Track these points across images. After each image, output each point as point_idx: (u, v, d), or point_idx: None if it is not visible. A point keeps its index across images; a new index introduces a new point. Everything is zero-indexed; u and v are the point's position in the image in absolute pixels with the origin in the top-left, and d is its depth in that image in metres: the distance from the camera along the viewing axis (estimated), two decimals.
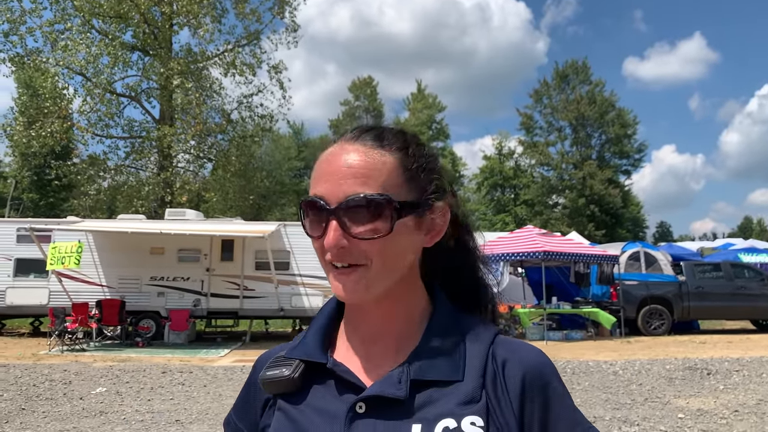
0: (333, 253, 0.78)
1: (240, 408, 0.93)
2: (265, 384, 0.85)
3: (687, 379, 8.74)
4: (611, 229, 42.30)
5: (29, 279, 14.75)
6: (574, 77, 45.11)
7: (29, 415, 6.83)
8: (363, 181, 0.78)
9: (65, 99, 23.33)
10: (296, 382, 0.83)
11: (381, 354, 0.84)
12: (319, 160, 0.83)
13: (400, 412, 0.77)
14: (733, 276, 14.95)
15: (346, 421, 0.78)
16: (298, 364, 0.84)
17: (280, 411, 0.84)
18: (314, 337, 0.87)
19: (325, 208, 0.78)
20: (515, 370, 0.81)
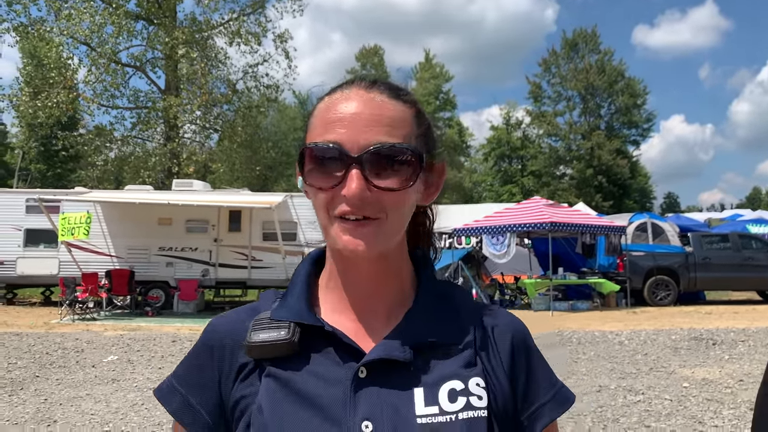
0: (352, 204, 0.73)
1: (191, 379, 0.82)
2: (255, 348, 0.77)
3: (692, 349, 8.79)
4: (619, 200, 42.17)
5: (39, 249, 14.89)
6: (583, 46, 44.50)
7: (43, 381, 6.97)
8: (387, 130, 0.75)
9: (70, 69, 23.22)
10: (295, 346, 0.77)
11: (372, 317, 0.81)
12: (325, 105, 0.78)
13: (401, 376, 0.76)
14: (740, 247, 14.91)
15: (352, 387, 0.74)
16: (294, 327, 0.78)
17: (271, 377, 0.76)
18: (299, 300, 0.81)
19: (346, 155, 0.73)
20: (504, 335, 0.85)
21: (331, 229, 0.76)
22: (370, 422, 0.72)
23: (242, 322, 0.82)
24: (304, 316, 0.79)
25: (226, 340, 0.82)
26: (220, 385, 0.80)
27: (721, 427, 5.13)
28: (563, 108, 45.34)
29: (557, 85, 45.12)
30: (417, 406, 0.74)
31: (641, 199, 47.73)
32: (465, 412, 0.75)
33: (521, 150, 48.14)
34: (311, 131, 0.79)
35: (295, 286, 0.84)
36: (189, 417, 0.80)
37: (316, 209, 0.79)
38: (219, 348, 0.81)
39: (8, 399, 6.19)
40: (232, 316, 0.85)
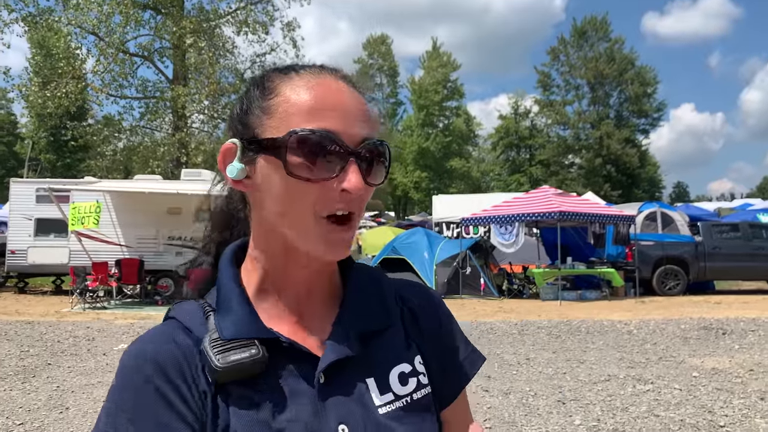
0: (351, 200, 0.71)
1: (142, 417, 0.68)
2: (226, 372, 0.69)
3: (702, 339, 8.77)
4: (627, 189, 41.99)
5: (49, 238, 14.99)
6: (593, 34, 44.15)
7: (55, 369, 7.04)
8: (373, 126, 0.74)
9: (78, 59, 23.25)
10: (265, 363, 0.71)
11: (310, 316, 0.79)
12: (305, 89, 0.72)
13: (353, 371, 0.75)
14: (751, 236, 14.81)
15: (318, 395, 0.72)
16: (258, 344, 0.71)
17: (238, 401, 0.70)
18: (247, 313, 0.74)
19: (345, 147, 0.70)
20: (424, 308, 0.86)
21: (313, 232, 0.71)
22: (344, 425, 0.71)
23: (181, 344, 0.73)
24: (254, 329, 0.73)
25: (170, 368, 0.70)
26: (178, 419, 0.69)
27: (731, 416, 5.12)
28: (572, 97, 45.09)
29: (566, 74, 44.84)
30: (374, 396, 0.75)
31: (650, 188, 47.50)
32: (417, 392, 0.78)
33: (529, 139, 47.95)
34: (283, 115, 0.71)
35: (229, 295, 0.76)
36: None
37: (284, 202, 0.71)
38: (162, 377, 0.70)
39: (21, 386, 6.26)
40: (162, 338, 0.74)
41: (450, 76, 48.25)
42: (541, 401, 5.63)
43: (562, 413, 5.27)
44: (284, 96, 0.72)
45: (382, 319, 0.80)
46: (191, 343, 0.73)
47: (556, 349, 8.15)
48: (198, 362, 0.72)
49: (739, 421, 4.99)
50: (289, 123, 0.70)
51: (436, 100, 46.71)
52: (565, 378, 6.50)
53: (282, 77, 0.74)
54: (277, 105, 0.72)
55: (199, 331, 0.74)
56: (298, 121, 0.70)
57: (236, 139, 0.74)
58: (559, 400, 5.66)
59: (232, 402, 0.70)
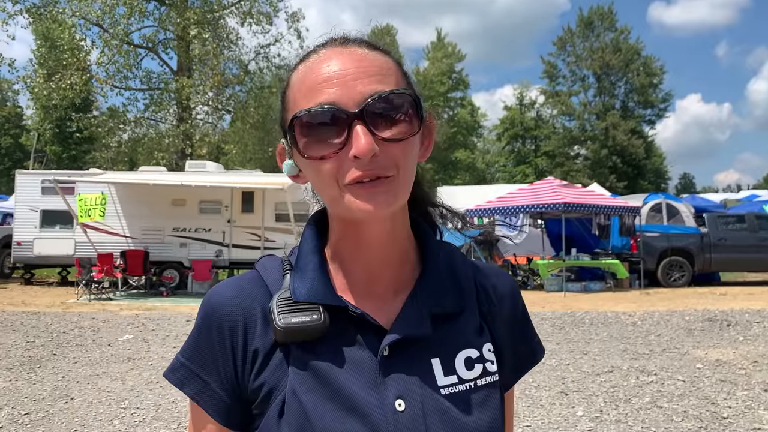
0: (364, 164, 0.69)
1: (204, 360, 0.77)
2: (288, 332, 0.73)
3: (706, 330, 8.75)
4: (633, 180, 41.80)
5: (55, 230, 15.05)
6: (599, 24, 43.82)
7: (60, 360, 7.08)
8: (378, 79, 0.71)
9: (83, 51, 23.27)
10: (327, 330, 0.74)
11: (383, 290, 0.79)
12: (302, 73, 0.74)
13: (419, 349, 0.76)
14: (757, 228, 14.73)
15: (379, 367, 0.73)
16: (322, 310, 0.74)
17: (300, 362, 0.73)
18: (320, 280, 0.77)
19: (345, 113, 0.69)
20: (503, 294, 0.86)
21: (342, 200, 0.72)
22: (402, 400, 0.72)
23: (253, 298, 0.78)
24: (327, 296, 0.76)
25: (236, 320, 0.76)
26: (236, 366, 0.76)
27: (734, 407, 5.11)
28: (578, 88, 44.84)
29: (572, 65, 44.58)
30: (438, 377, 0.75)
31: (656, 179, 47.28)
32: (482, 379, 0.78)
33: (535, 130, 47.75)
34: (293, 104, 0.74)
35: (309, 262, 0.79)
36: (208, 400, 0.77)
37: (321, 185, 0.73)
38: (228, 328, 0.76)
39: (27, 377, 6.30)
40: (237, 291, 0.79)
41: (455, 67, 48.06)
42: (544, 392, 5.63)
43: (565, 404, 5.27)
44: (292, 86, 0.75)
45: (457, 301, 0.80)
46: (261, 299, 0.78)
47: (559, 340, 8.15)
48: (259, 318, 0.76)
49: (743, 413, 4.98)
50: (294, 109, 0.72)
51: (441, 91, 46.53)
52: (569, 369, 6.50)
53: (292, 70, 0.77)
54: (289, 96, 0.75)
55: (273, 287, 0.78)
56: (300, 104, 0.72)
57: (283, 139, 0.78)
58: (562, 391, 5.66)
59: (292, 361, 0.73)
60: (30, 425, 4.79)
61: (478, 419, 0.75)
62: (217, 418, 0.76)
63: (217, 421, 0.76)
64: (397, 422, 0.71)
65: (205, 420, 0.78)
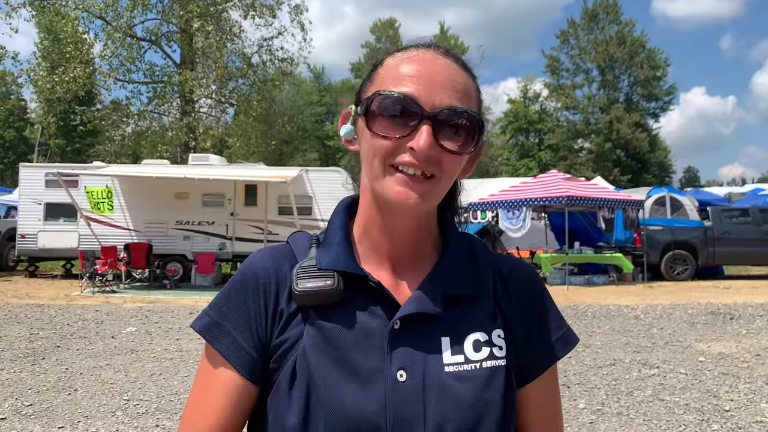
0: (417, 158, 0.76)
1: (234, 315, 0.83)
2: (303, 296, 0.80)
3: (709, 324, 8.73)
4: (637, 174, 41.67)
5: (59, 223, 15.09)
6: (604, 17, 43.56)
7: (64, 352, 7.12)
8: (459, 96, 0.78)
9: (86, 44, 23.24)
10: (340, 296, 0.80)
11: (403, 268, 0.86)
12: (398, 59, 0.81)
13: (430, 327, 0.81)
14: (761, 221, 14.69)
15: (388, 338, 0.79)
16: (338, 277, 0.81)
17: (314, 324, 0.80)
18: (343, 249, 0.84)
19: (421, 109, 0.76)
20: (520, 283, 0.90)
21: (383, 179, 0.78)
22: (404, 371, 0.77)
23: (282, 266, 0.85)
24: (349, 266, 0.82)
25: (270, 282, 0.84)
26: (264, 324, 0.82)
27: (736, 401, 5.11)
28: (582, 81, 44.64)
29: (576, 58, 44.36)
30: (444, 355, 0.80)
31: (660, 173, 47.13)
32: (488, 362, 0.81)
33: (538, 124, 47.64)
34: (379, 81, 0.81)
35: (335, 234, 0.86)
36: (236, 355, 0.82)
37: (368, 156, 0.80)
38: (263, 288, 0.84)
39: (31, 368, 6.33)
40: (271, 259, 0.87)
41: None
42: None
43: (567, 397, 5.27)
44: (385, 66, 0.82)
45: (472, 287, 0.85)
46: (289, 266, 0.85)
47: None
48: (287, 282, 0.83)
49: (745, 406, 4.97)
50: (379, 86, 0.80)
51: None
52: (570, 362, 6.50)
53: (392, 53, 0.83)
54: (378, 74, 0.82)
55: (300, 257, 0.86)
56: (386, 84, 0.79)
57: (353, 105, 0.84)
58: (564, 384, 5.66)
59: (309, 322, 0.80)
60: (34, 416, 4.81)
61: (476, 396, 0.78)
62: (243, 372, 0.82)
63: (242, 375, 0.82)
64: (396, 391, 0.76)
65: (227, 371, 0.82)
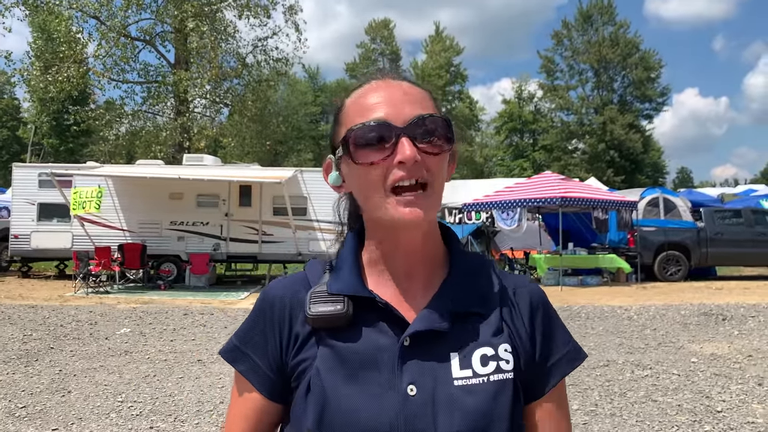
0: (407, 168, 0.82)
1: (255, 340, 0.92)
2: (315, 319, 0.86)
3: (702, 325, 8.78)
4: (631, 174, 41.82)
5: (52, 223, 15.02)
6: (598, 18, 43.70)
7: (57, 353, 7.09)
8: (421, 105, 0.86)
9: (80, 43, 23.14)
10: (349, 318, 0.85)
11: (412, 286, 0.90)
12: (357, 97, 0.89)
13: (439, 343, 0.85)
14: (753, 222, 14.77)
15: (398, 355, 0.83)
16: (348, 300, 0.86)
17: (327, 346, 0.85)
18: (352, 274, 0.89)
19: (394, 127, 0.83)
20: (525, 299, 0.93)
21: (386, 204, 0.83)
22: (414, 386, 0.82)
23: (297, 292, 0.91)
24: (358, 289, 0.87)
25: (286, 308, 0.90)
26: (281, 348, 0.89)
27: (728, 401, 5.14)
28: (576, 82, 44.77)
29: (570, 59, 44.50)
30: (454, 370, 0.84)
31: (653, 174, 47.28)
32: (495, 375, 0.85)
33: (533, 124, 47.74)
34: (348, 121, 0.87)
35: (345, 259, 0.92)
36: (256, 376, 0.91)
37: (367, 189, 0.85)
38: (280, 315, 0.90)
39: (24, 370, 6.31)
40: (288, 286, 0.94)
41: (453, 60, 47.97)
42: None
43: None
44: (347, 106, 0.90)
45: (479, 303, 0.89)
46: (303, 293, 0.91)
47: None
48: (303, 307, 0.89)
49: (737, 407, 5.01)
50: (349, 123, 0.86)
51: (439, 84, 46.44)
52: None
53: (348, 94, 0.91)
54: (343, 115, 0.89)
55: (314, 283, 0.91)
56: (355, 119, 0.86)
57: (331, 154, 0.92)
58: None
59: (321, 344, 0.86)
60: (27, 418, 4.80)
61: (485, 408, 0.82)
62: (262, 391, 0.90)
63: (261, 393, 0.91)
64: (406, 405, 0.81)
65: (249, 391, 0.92)
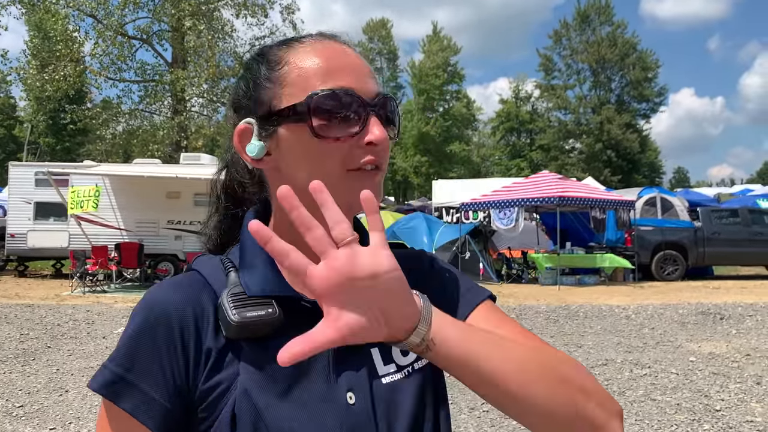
0: (377, 151, 0.71)
1: (146, 366, 0.70)
2: (242, 328, 0.69)
3: (699, 324, 8.80)
4: (628, 174, 41.94)
5: (49, 222, 14.99)
6: (596, 18, 43.81)
7: (54, 352, 7.07)
8: (378, 83, 0.75)
9: (77, 42, 23.08)
10: (281, 323, 0.71)
11: None
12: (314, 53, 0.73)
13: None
14: (750, 222, 14.81)
15: (330, 361, 0.72)
16: (275, 304, 0.71)
17: (251, 362, 0.70)
18: (271, 268, 0.73)
19: (365, 102, 0.71)
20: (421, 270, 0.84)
21: (344, 183, 0.71)
22: (352, 392, 0.72)
23: (199, 298, 0.73)
24: (284, 288, 0.72)
25: (188, 319, 0.71)
26: (187, 371, 0.71)
27: (727, 400, 5.15)
28: (573, 81, 44.86)
29: (568, 58, 44.60)
30: (378, 366, 0.75)
31: (651, 174, 47.41)
32: (418, 362, 0.77)
33: (530, 124, 47.81)
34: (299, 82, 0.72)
35: (255, 251, 0.74)
36: (148, 413, 0.69)
37: (322, 168, 0.70)
38: (178, 328, 0.71)
39: (21, 369, 6.29)
40: (185, 291, 0.74)
41: (450, 60, 47.99)
42: None
43: None
44: (294, 64, 0.73)
45: None
46: (206, 297, 0.74)
47: (554, 333, 8.18)
48: (210, 317, 0.72)
49: (735, 405, 5.01)
50: (307, 87, 0.71)
51: (436, 84, 46.48)
52: None
53: (285, 48, 0.76)
54: (288, 73, 0.73)
55: (217, 285, 0.74)
56: (315, 84, 0.71)
57: (250, 118, 0.75)
58: None
59: (243, 358, 0.70)
60: (24, 417, 4.78)
61: (417, 404, 0.75)
62: (154, 428, 0.69)
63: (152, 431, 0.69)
64: (349, 416, 0.71)
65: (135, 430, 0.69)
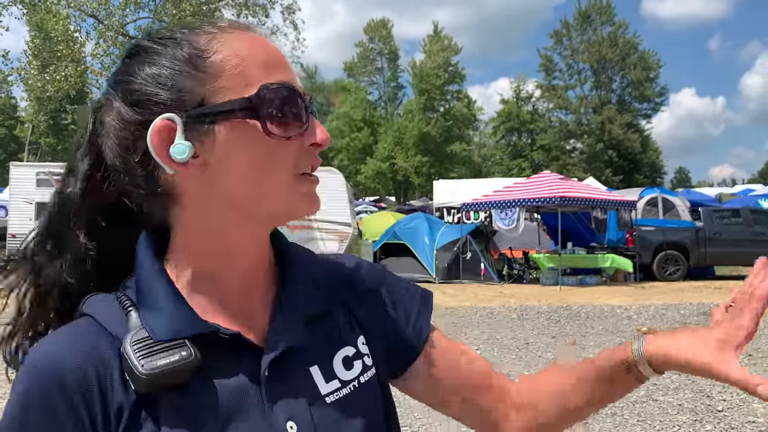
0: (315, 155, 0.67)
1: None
2: (154, 379, 0.59)
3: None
4: (629, 174, 41.94)
5: None
6: (597, 18, 43.82)
7: None
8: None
9: (78, 42, 23.12)
10: (199, 365, 0.62)
11: (252, 303, 0.70)
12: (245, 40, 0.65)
13: (297, 360, 0.68)
14: (752, 222, 14.79)
15: (264, 392, 0.65)
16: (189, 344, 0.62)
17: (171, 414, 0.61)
18: (178, 305, 0.64)
19: (305, 101, 0.65)
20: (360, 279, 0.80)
21: (294, 189, 0.65)
22: (293, 421, 0.65)
23: (97, 350, 0.62)
24: (197, 325, 0.63)
25: (87, 379, 0.60)
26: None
27: (729, 401, 5.14)
28: (575, 81, 44.88)
29: (569, 58, 44.62)
30: (320, 386, 0.69)
31: (652, 174, 47.41)
32: (363, 375, 0.73)
33: (531, 124, 47.84)
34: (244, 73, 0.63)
35: (157, 288, 0.65)
36: None
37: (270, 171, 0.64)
38: (78, 391, 0.60)
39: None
40: (77, 343, 0.62)
41: (451, 60, 48.02)
42: None
43: None
44: (227, 53, 0.63)
45: (323, 302, 0.74)
46: (107, 347, 0.62)
47: (555, 333, 8.17)
48: (115, 370, 0.61)
49: (737, 406, 5.00)
50: (251, 80, 0.63)
51: (437, 84, 46.49)
52: None
53: (207, 35, 0.65)
54: (222, 63, 0.63)
55: (117, 330, 0.63)
56: (260, 76, 0.63)
57: (172, 114, 0.62)
58: None
59: (161, 412, 0.61)
60: None
61: (366, 421, 0.70)
62: None
63: None
64: None
65: None
